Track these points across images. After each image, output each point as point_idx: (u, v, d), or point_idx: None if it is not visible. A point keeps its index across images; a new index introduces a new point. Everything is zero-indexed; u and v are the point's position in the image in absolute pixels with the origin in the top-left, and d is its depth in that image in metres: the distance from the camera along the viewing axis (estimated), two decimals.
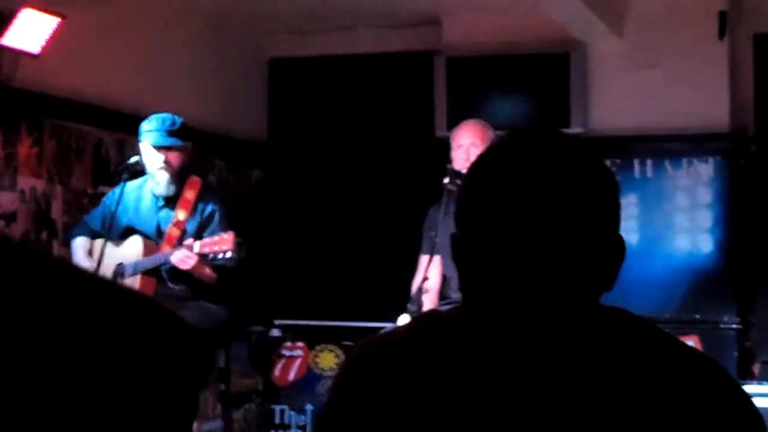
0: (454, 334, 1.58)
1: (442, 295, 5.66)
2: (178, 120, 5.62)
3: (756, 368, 6.81)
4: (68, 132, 6.32)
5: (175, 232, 5.63)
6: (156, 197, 5.70)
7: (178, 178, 5.64)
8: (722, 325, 6.91)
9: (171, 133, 5.56)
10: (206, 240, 5.42)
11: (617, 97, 7.31)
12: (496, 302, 1.54)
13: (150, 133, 5.56)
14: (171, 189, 5.64)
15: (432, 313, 1.71)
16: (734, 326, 6.93)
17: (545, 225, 1.49)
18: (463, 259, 1.58)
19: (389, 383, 1.55)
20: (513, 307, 1.53)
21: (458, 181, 5.44)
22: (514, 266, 1.51)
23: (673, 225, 7.15)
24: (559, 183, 1.51)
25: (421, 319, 1.73)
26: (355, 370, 1.62)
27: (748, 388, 3.02)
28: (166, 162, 5.58)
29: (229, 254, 5.36)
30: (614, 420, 1.49)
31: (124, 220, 5.68)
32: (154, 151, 5.57)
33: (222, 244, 5.35)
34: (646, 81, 7.26)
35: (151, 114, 5.66)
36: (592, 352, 1.54)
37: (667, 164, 7.18)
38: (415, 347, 1.58)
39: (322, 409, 1.64)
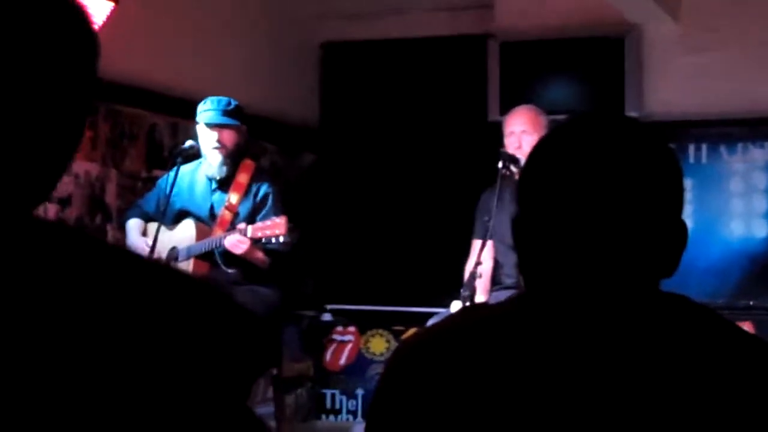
0: (506, 325, 1.56)
1: (495, 281, 5.64)
2: (234, 101, 5.68)
3: None
4: (122, 116, 6.36)
5: (228, 216, 5.67)
6: (210, 180, 5.74)
7: (232, 159, 5.68)
8: None
9: (226, 112, 5.62)
10: (259, 224, 5.45)
11: (672, 81, 7.25)
12: (556, 286, 1.54)
13: (205, 112, 5.63)
14: (223, 170, 5.68)
15: (481, 305, 1.70)
16: None
17: (607, 209, 1.49)
18: (523, 242, 1.57)
19: (438, 376, 1.53)
20: (572, 292, 1.52)
21: (512, 166, 5.43)
22: (574, 250, 1.51)
23: (728, 210, 7.11)
24: (623, 167, 1.50)
25: (472, 310, 1.73)
26: (406, 360, 1.61)
27: None
28: (219, 142, 5.62)
29: (281, 239, 5.39)
30: (675, 408, 1.47)
31: (178, 203, 5.72)
32: (208, 130, 5.63)
33: (275, 228, 5.38)
34: (701, 65, 7.20)
35: (204, 98, 5.72)
36: (653, 340, 1.51)
37: (722, 149, 7.13)
38: (465, 340, 1.56)
39: (373, 397, 1.63)
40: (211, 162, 5.67)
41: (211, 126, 5.62)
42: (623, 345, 1.51)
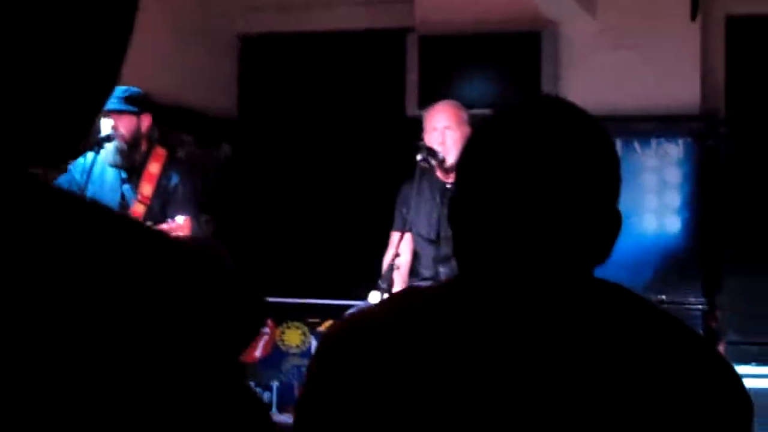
0: (439, 309, 1.55)
1: (413, 272, 5.65)
2: (134, 89, 5.57)
3: (721, 349, 6.90)
4: None
5: (140, 208, 5.59)
6: (118, 170, 5.69)
7: (130, 147, 5.59)
8: (688, 305, 6.95)
9: (122, 99, 5.52)
10: (162, 227, 5.40)
11: (588, 77, 7.31)
12: (490, 270, 1.52)
13: None
14: (118, 158, 5.58)
15: (412, 289, 1.69)
16: (700, 307, 6.98)
17: (544, 194, 1.47)
18: (459, 224, 1.55)
19: (370, 362, 1.52)
20: (506, 276, 1.51)
21: (431, 159, 5.48)
22: (510, 234, 1.49)
23: (642, 205, 7.20)
24: (561, 152, 1.49)
25: (402, 296, 1.69)
26: (335, 350, 1.58)
27: None
28: (114, 129, 5.53)
29: None
30: (605, 394, 1.47)
31: (90, 192, 5.65)
32: (105, 117, 5.56)
33: (177, 231, 5.35)
34: (617, 61, 7.29)
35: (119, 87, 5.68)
36: (586, 324, 1.52)
37: (636, 144, 7.23)
38: (397, 324, 1.55)
39: (305, 384, 1.61)
40: (108, 149, 5.60)
41: (105, 113, 5.55)
42: (556, 329, 1.51)
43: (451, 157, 5.41)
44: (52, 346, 0.86)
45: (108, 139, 5.56)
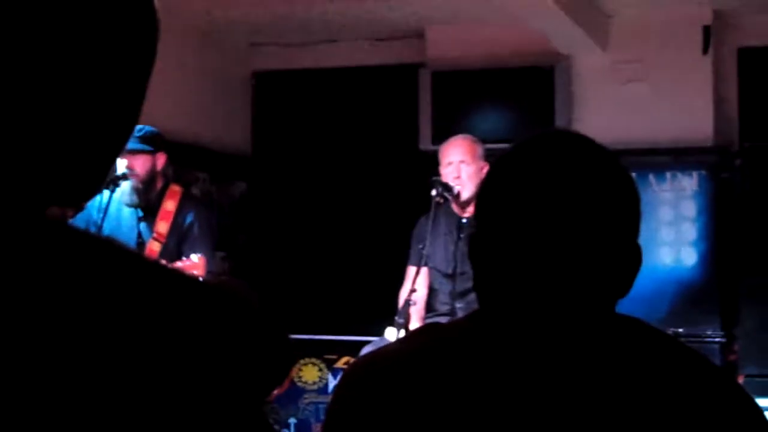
0: (460, 345, 1.54)
1: (429, 307, 5.64)
2: (148, 128, 5.57)
3: (740, 382, 6.86)
4: None
5: (156, 246, 5.59)
6: (135, 208, 5.71)
7: (145, 186, 5.59)
8: (706, 338, 6.92)
9: (137, 138, 5.50)
10: (178, 264, 5.39)
11: (601, 110, 7.32)
12: (511, 305, 1.52)
13: None
14: (134, 198, 5.58)
15: (432, 325, 1.68)
16: (718, 339, 6.94)
17: (565, 229, 1.47)
18: (480, 260, 1.55)
19: (391, 400, 1.51)
20: (527, 312, 1.50)
21: (446, 194, 5.48)
22: (531, 269, 1.48)
23: (657, 238, 7.18)
24: (582, 187, 1.49)
25: (422, 332, 1.68)
26: (356, 388, 1.57)
27: None
28: (129, 168, 5.53)
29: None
30: (628, 429, 1.47)
31: (107, 230, 5.66)
32: (120, 158, 5.58)
33: (192, 269, 5.35)
34: (630, 94, 7.30)
35: None
36: (608, 360, 1.52)
37: (651, 177, 7.22)
38: (418, 361, 1.54)
39: (322, 428, 1.59)
40: (123, 189, 5.60)
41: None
42: (578, 365, 1.51)
43: (466, 192, 5.42)
44: (73, 390, 0.85)
45: (123, 177, 5.56)
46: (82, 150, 0.95)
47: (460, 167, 5.48)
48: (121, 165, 5.56)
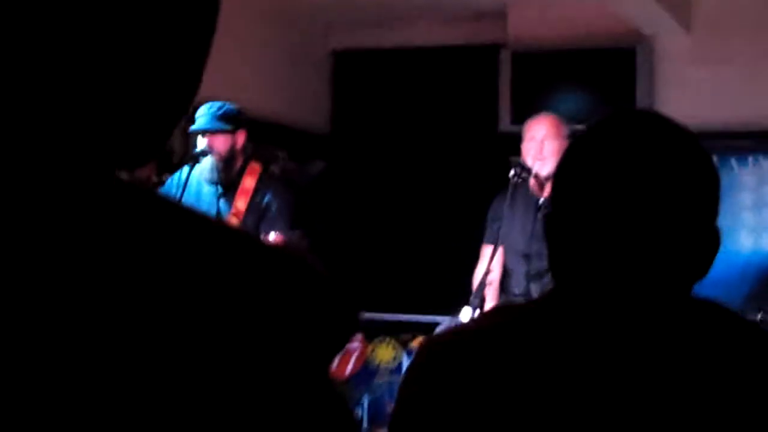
0: (534, 326, 1.53)
1: (504, 288, 5.63)
2: (228, 106, 5.65)
3: None
4: None
5: (234, 222, 5.68)
6: (214, 185, 5.78)
7: (225, 164, 5.66)
8: None
9: (217, 117, 5.58)
10: None
11: (683, 92, 7.26)
12: (586, 285, 1.51)
13: (198, 118, 5.64)
14: (215, 175, 5.63)
15: (506, 305, 1.67)
16: None
17: (643, 210, 1.46)
18: (555, 239, 1.54)
19: (464, 380, 1.51)
20: (602, 292, 1.49)
21: (524, 174, 5.46)
22: (607, 249, 1.47)
23: (738, 223, 7.12)
24: (661, 168, 1.47)
25: (496, 312, 1.69)
26: (429, 367, 1.57)
27: None
28: (210, 147, 5.61)
29: None
30: (703, 413, 1.46)
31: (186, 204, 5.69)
32: (200, 136, 5.66)
33: None
34: (713, 77, 7.22)
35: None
36: (684, 343, 1.50)
37: (732, 161, 7.15)
38: (491, 341, 1.54)
39: (395, 407, 1.60)
40: (203, 165, 5.67)
41: (201, 132, 5.65)
42: (654, 348, 1.50)
43: (546, 168, 5.39)
44: (150, 351, 0.87)
45: (203, 153, 5.63)
46: (140, 115, 0.96)
47: (543, 144, 5.46)
48: (202, 142, 5.62)
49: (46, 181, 0.90)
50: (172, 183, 5.79)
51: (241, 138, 5.70)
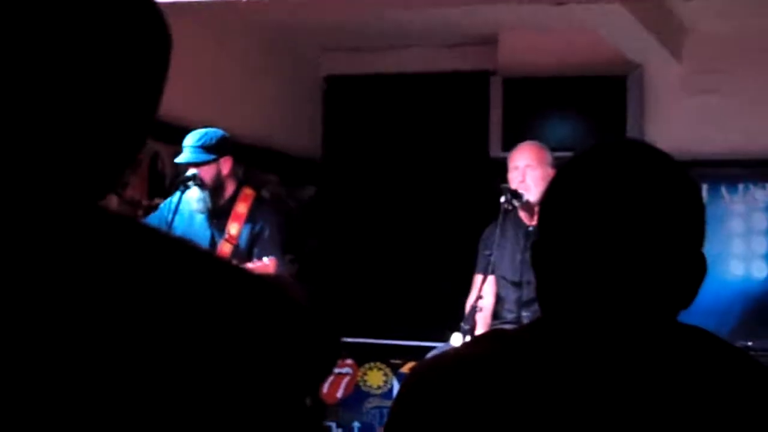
0: (523, 352, 1.54)
1: (495, 315, 5.63)
2: (210, 134, 5.64)
3: None
4: None
5: (227, 248, 5.64)
6: (204, 214, 5.78)
7: (213, 192, 5.64)
8: None
9: (199, 148, 5.58)
10: (248, 266, 5.44)
11: (674, 120, 7.28)
12: (573, 312, 1.52)
13: (184, 149, 5.65)
14: (202, 205, 5.64)
15: (496, 331, 1.68)
16: None
17: (629, 237, 1.47)
18: (542, 267, 1.55)
19: (453, 404, 1.51)
20: (589, 319, 1.51)
21: (514, 201, 5.47)
22: (593, 276, 1.49)
23: (728, 251, 7.13)
24: (646, 195, 1.49)
25: (486, 338, 1.69)
26: (418, 391, 1.57)
27: None
28: (196, 177, 5.60)
29: None
30: None
31: (179, 230, 5.70)
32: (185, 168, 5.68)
33: (264, 270, 5.38)
34: (703, 105, 7.23)
35: (205, 128, 5.75)
36: (670, 371, 1.51)
37: (723, 189, 7.16)
38: (480, 366, 1.54)
39: (388, 425, 1.60)
40: (191, 196, 5.65)
41: (185, 165, 5.65)
42: (640, 375, 1.50)
43: (531, 197, 5.40)
44: (127, 381, 0.89)
45: (193, 178, 5.62)
46: (97, 150, 1.01)
47: (526, 171, 5.47)
48: (190, 174, 5.62)
49: (17, 212, 0.94)
50: (164, 208, 5.79)
51: (226, 165, 5.68)
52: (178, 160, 5.64)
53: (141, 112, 1.08)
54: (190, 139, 5.61)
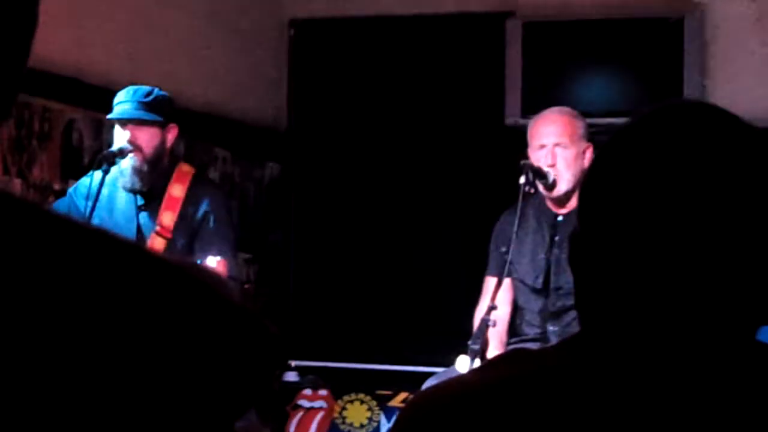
0: (555, 379, 1.51)
1: (514, 330, 5.67)
2: (158, 91, 5.63)
3: None
4: (30, 110, 6.35)
5: (159, 243, 5.60)
6: (132, 193, 5.70)
7: (150, 166, 5.59)
8: None
9: (143, 105, 5.54)
10: None
11: (742, 72, 7.37)
12: (622, 327, 1.50)
13: (117, 105, 5.57)
14: (136, 181, 5.58)
15: (517, 351, 1.65)
16: None
17: (695, 231, 1.45)
18: (584, 268, 1.55)
19: None
20: (644, 337, 1.49)
21: (538, 182, 5.43)
22: (650, 281, 1.47)
23: None
24: (718, 177, 1.46)
25: (504, 360, 1.66)
26: (417, 429, 1.56)
27: None
28: (132, 143, 5.53)
29: None
30: None
31: (98, 221, 5.61)
32: (120, 128, 5.57)
33: None
34: None
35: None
36: (750, 407, 1.47)
37: None
38: (500, 398, 1.51)
39: None
40: (122, 167, 5.59)
41: (122, 122, 5.57)
42: (710, 412, 1.47)
43: (564, 183, 5.38)
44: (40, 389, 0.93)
45: (121, 154, 5.55)
46: None
47: (555, 151, 5.44)
48: (121, 138, 5.55)
49: None
50: (78, 193, 5.73)
51: (172, 134, 5.68)
52: (114, 114, 5.56)
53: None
54: (129, 94, 5.56)
